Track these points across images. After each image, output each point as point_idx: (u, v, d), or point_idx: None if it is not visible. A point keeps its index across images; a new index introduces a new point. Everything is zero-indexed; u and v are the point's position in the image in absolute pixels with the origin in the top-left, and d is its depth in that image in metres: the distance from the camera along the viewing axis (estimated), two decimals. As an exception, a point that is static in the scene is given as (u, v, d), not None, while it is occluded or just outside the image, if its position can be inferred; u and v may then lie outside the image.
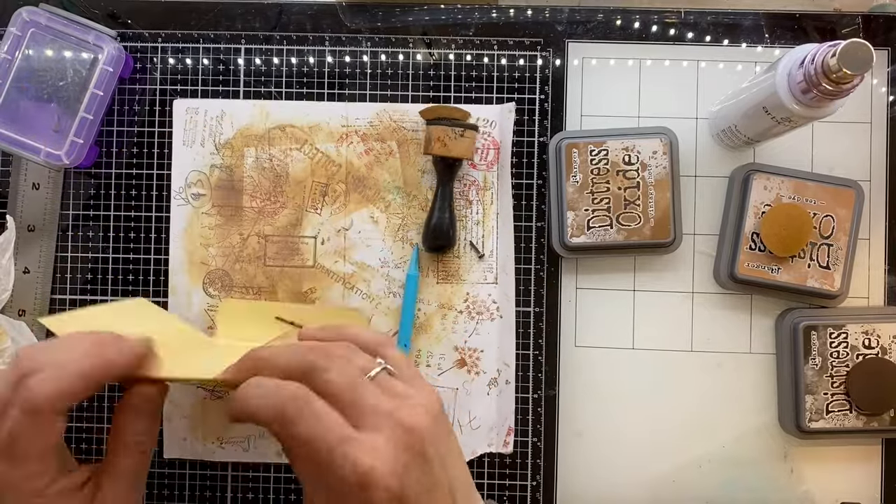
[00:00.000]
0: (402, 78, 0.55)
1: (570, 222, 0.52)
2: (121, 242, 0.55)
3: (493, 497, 0.54)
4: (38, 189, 0.55)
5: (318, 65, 0.56)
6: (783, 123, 0.45)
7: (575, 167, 0.52)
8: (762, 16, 0.55)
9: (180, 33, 0.56)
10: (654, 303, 0.55)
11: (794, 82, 0.42)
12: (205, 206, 0.55)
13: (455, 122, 0.51)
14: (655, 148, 0.52)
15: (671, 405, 0.54)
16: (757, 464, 0.54)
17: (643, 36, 0.55)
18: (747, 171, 0.52)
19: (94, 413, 0.55)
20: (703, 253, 0.55)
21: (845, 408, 0.51)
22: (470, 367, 0.54)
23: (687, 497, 0.54)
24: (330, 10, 0.56)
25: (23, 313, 0.54)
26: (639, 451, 0.54)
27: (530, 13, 0.56)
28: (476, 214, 0.54)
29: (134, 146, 0.55)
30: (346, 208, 0.55)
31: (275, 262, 0.54)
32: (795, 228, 0.51)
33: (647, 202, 0.52)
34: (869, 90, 0.55)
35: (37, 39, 0.51)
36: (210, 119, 0.55)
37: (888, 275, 0.54)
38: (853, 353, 0.51)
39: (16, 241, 0.53)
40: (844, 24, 0.55)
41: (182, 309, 0.54)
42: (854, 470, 0.54)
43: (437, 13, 0.56)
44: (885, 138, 0.55)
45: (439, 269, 0.54)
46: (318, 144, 0.55)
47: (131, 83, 0.55)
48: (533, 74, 0.55)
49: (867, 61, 0.38)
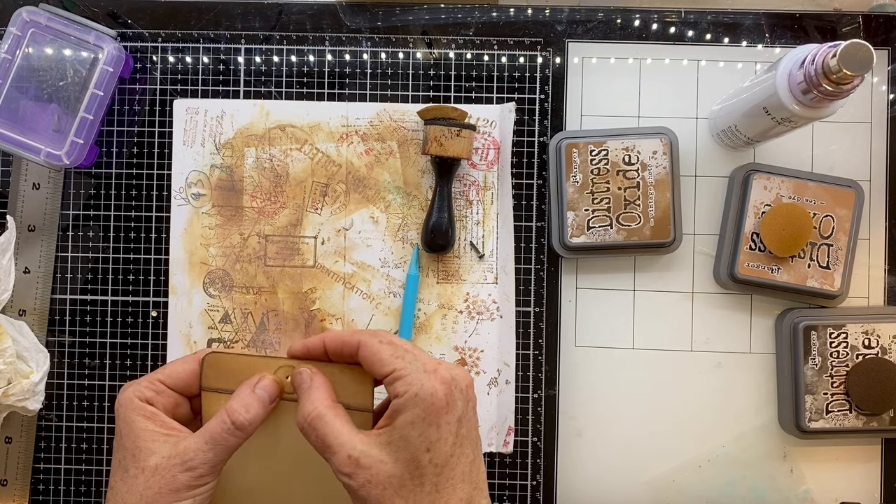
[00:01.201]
0: (403, 78, 0.55)
1: (570, 222, 0.52)
2: (121, 242, 0.55)
3: (493, 497, 0.54)
4: (38, 189, 0.55)
5: (318, 64, 0.56)
6: (783, 124, 0.45)
7: (575, 167, 0.52)
8: (762, 15, 0.55)
9: (180, 33, 0.56)
10: (654, 303, 0.55)
11: (795, 83, 0.42)
12: (205, 206, 0.55)
13: (452, 122, 0.51)
14: (655, 148, 0.52)
15: (671, 405, 0.54)
16: (757, 464, 0.54)
17: (643, 35, 0.55)
18: (747, 171, 0.52)
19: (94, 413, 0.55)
20: (703, 253, 0.55)
21: (845, 408, 0.51)
22: (470, 366, 0.54)
23: (687, 497, 0.54)
24: (330, 9, 0.56)
25: (23, 313, 0.55)
26: (639, 451, 0.54)
27: (530, 13, 0.56)
28: (476, 214, 0.54)
29: (134, 146, 0.55)
30: (347, 208, 0.55)
31: (275, 262, 0.54)
32: (795, 228, 0.51)
33: (647, 202, 0.52)
34: (869, 90, 0.55)
35: (37, 39, 0.51)
36: (210, 119, 0.55)
37: (888, 275, 0.54)
38: (853, 353, 0.51)
39: (16, 241, 0.53)
40: (844, 23, 0.55)
41: (182, 309, 0.54)
42: (854, 470, 0.54)
43: (437, 13, 0.56)
44: (885, 138, 0.55)
45: (439, 269, 0.54)
46: (319, 144, 0.55)
47: (131, 83, 0.55)
48: (533, 74, 0.55)
49: (867, 62, 0.38)
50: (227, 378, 0.39)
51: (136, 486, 0.36)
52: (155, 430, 0.37)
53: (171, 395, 0.39)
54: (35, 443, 0.55)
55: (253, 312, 0.54)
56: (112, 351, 0.55)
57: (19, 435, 0.54)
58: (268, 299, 0.54)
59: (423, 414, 0.34)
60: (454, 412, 0.35)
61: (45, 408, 0.54)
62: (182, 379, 0.39)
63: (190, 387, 0.39)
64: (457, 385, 0.35)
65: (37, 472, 0.55)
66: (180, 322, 0.54)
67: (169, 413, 0.39)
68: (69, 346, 0.55)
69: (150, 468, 0.36)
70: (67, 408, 0.55)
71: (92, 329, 0.55)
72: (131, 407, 0.37)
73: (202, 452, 0.36)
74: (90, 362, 0.55)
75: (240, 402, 0.37)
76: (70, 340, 0.55)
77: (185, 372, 0.39)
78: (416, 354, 0.36)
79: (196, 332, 0.54)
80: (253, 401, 0.38)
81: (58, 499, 0.55)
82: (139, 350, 0.55)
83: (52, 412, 0.55)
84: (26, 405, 0.51)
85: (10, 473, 0.54)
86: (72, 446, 0.55)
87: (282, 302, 0.54)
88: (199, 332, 0.54)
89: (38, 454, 0.55)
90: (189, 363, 0.40)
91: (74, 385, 0.55)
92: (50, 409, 0.55)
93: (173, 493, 0.36)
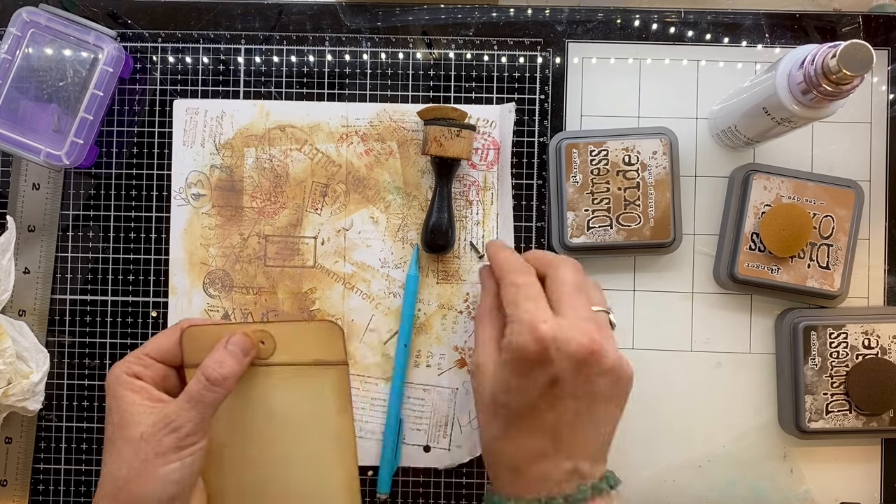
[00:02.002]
0: (403, 78, 0.55)
1: (570, 222, 0.52)
2: (121, 242, 0.55)
3: (493, 497, 0.54)
4: (38, 189, 0.55)
5: (318, 65, 0.56)
6: (783, 124, 0.45)
7: (575, 167, 0.52)
8: (762, 15, 0.55)
9: (180, 33, 0.56)
10: (654, 303, 0.55)
11: (794, 83, 0.42)
12: (205, 206, 0.55)
13: (452, 122, 0.51)
14: (655, 148, 0.52)
15: (671, 405, 0.54)
16: (757, 464, 0.54)
17: (643, 36, 0.55)
18: (747, 171, 0.52)
19: (94, 413, 0.55)
20: (703, 253, 0.55)
21: (845, 408, 0.51)
22: (470, 366, 0.54)
23: (687, 497, 0.54)
24: (330, 10, 0.56)
25: (23, 313, 0.55)
26: (638, 451, 0.54)
27: (530, 13, 0.56)
28: (476, 215, 0.54)
29: (134, 146, 0.55)
30: (347, 208, 0.55)
31: (275, 263, 0.54)
32: (795, 228, 0.51)
33: (647, 202, 0.52)
34: (869, 90, 0.55)
35: (37, 39, 0.51)
36: (210, 119, 0.55)
37: (888, 275, 0.54)
38: (853, 353, 0.51)
39: (16, 241, 0.53)
40: (844, 23, 0.55)
41: (182, 309, 0.54)
42: (854, 470, 0.54)
43: (437, 13, 0.56)
44: (885, 138, 0.55)
45: (439, 270, 0.54)
46: (319, 144, 0.55)
47: (131, 83, 0.55)
48: (533, 74, 0.55)
49: (867, 62, 0.38)
50: (206, 350, 0.39)
51: (125, 456, 0.36)
52: (142, 403, 0.37)
53: (159, 368, 0.40)
54: (35, 443, 0.55)
55: (253, 313, 0.54)
56: (112, 351, 0.55)
57: (19, 435, 0.54)
58: (268, 299, 0.54)
59: (512, 360, 0.38)
60: (546, 369, 0.37)
61: (45, 408, 0.54)
62: (168, 351, 0.40)
63: (176, 357, 0.41)
64: (558, 348, 0.37)
65: (37, 472, 0.55)
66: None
67: (158, 386, 0.39)
68: (69, 346, 0.55)
69: (135, 437, 0.36)
70: (67, 408, 0.55)
71: (92, 329, 0.55)
72: (119, 382, 0.38)
73: (184, 412, 0.37)
74: (90, 362, 0.55)
75: (213, 359, 0.38)
76: (70, 340, 0.55)
77: (168, 343, 0.40)
78: (536, 303, 0.38)
79: (196, 332, 0.54)
80: (225, 356, 0.39)
81: (58, 499, 0.55)
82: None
83: (52, 412, 0.55)
84: (26, 405, 0.51)
85: (10, 473, 0.54)
86: (72, 446, 0.55)
87: (282, 302, 0.54)
88: (199, 332, 0.54)
89: (38, 454, 0.55)
90: (172, 335, 0.41)
91: (74, 385, 0.55)
92: (50, 409, 0.55)
93: (161, 457, 0.36)
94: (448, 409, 0.54)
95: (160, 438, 0.36)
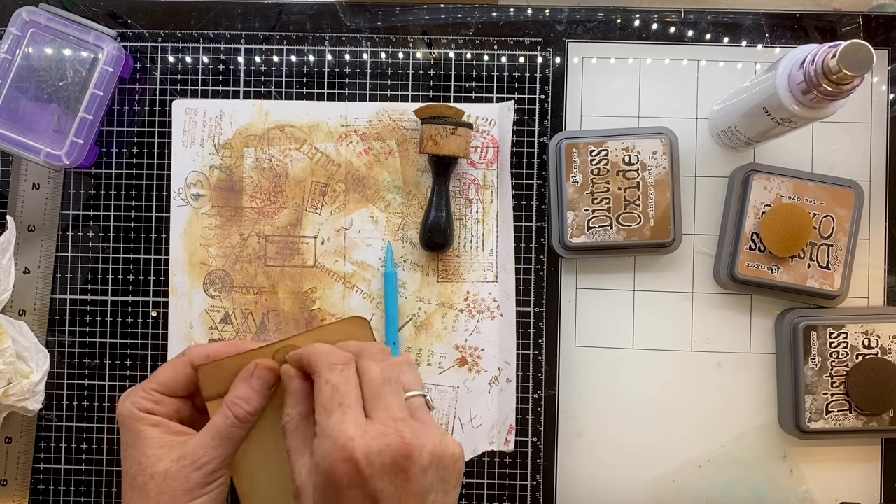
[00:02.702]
0: (402, 77, 0.55)
1: (570, 222, 0.52)
2: (121, 242, 0.55)
3: (493, 496, 0.54)
4: (38, 189, 0.55)
5: (318, 64, 0.56)
6: (783, 124, 0.45)
7: (575, 167, 0.52)
8: (762, 15, 0.55)
9: (180, 33, 0.56)
10: (653, 303, 0.55)
11: (795, 83, 0.42)
12: (204, 206, 0.55)
13: (447, 121, 0.51)
14: (655, 148, 0.52)
15: (671, 405, 0.54)
16: (757, 464, 0.54)
17: (643, 35, 0.55)
18: (747, 171, 0.52)
19: (94, 413, 0.55)
20: (703, 253, 0.55)
21: (845, 408, 0.51)
22: (471, 365, 0.54)
23: (687, 497, 0.54)
24: (330, 9, 0.56)
25: (23, 313, 0.55)
26: (638, 451, 0.54)
27: (530, 13, 0.56)
28: (476, 213, 0.54)
29: (134, 146, 0.55)
30: (346, 208, 0.55)
31: (275, 262, 0.54)
32: (795, 228, 0.51)
33: (647, 202, 0.52)
34: (869, 90, 0.55)
35: (37, 39, 0.51)
36: (209, 119, 0.55)
37: (888, 275, 0.54)
38: (853, 353, 0.51)
39: (16, 241, 0.53)
40: (844, 23, 0.55)
41: (183, 309, 0.54)
42: (854, 470, 0.54)
43: (437, 13, 0.56)
44: (885, 138, 0.55)
45: (439, 268, 0.54)
46: (318, 144, 0.55)
47: (131, 83, 0.55)
48: (533, 74, 0.55)
49: (867, 62, 0.38)
50: (225, 382, 0.39)
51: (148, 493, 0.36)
52: (162, 437, 0.37)
53: (171, 402, 0.39)
54: (35, 443, 0.55)
55: (253, 313, 0.54)
56: (112, 351, 0.55)
57: (19, 435, 0.54)
58: (268, 299, 0.54)
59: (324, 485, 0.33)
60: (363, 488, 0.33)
61: (45, 408, 0.54)
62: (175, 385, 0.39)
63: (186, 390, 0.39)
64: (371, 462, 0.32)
65: (37, 472, 0.55)
66: (181, 323, 0.55)
67: (173, 418, 0.39)
68: (69, 346, 0.55)
69: (159, 473, 0.36)
70: (67, 408, 0.55)
71: (92, 329, 0.55)
72: (135, 418, 0.37)
73: (211, 449, 0.36)
74: (90, 362, 0.55)
75: (238, 396, 0.38)
76: (70, 340, 0.55)
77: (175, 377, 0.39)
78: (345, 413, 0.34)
79: (197, 332, 0.54)
80: (251, 394, 0.38)
81: (58, 499, 0.55)
82: (139, 350, 0.55)
83: (52, 412, 0.55)
84: (26, 405, 0.51)
85: (10, 473, 0.54)
86: (72, 446, 0.55)
87: (282, 302, 0.54)
88: (199, 332, 0.54)
89: (38, 454, 0.55)
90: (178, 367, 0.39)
91: (74, 385, 0.55)
92: (50, 409, 0.55)
93: (188, 493, 0.36)
94: (449, 408, 0.54)
95: (187, 475, 0.36)
